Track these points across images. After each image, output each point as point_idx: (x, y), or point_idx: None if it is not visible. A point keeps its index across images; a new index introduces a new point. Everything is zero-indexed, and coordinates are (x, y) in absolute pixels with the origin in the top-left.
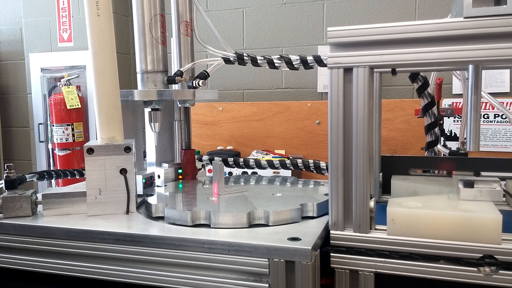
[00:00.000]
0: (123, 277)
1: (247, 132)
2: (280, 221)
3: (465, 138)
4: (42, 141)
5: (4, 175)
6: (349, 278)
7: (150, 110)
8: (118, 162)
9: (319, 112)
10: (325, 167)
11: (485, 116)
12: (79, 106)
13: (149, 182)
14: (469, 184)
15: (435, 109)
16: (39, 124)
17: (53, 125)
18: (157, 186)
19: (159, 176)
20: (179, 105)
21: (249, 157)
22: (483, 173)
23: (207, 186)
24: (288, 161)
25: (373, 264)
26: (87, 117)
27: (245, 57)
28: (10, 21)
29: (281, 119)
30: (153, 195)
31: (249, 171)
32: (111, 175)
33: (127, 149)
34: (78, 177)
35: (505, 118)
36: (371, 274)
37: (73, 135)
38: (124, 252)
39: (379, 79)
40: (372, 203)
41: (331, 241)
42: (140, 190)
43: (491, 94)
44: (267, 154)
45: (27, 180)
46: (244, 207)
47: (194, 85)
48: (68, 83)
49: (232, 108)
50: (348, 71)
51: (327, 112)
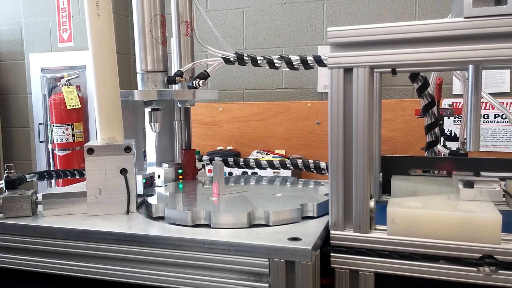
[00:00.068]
0: (123, 277)
1: (247, 132)
2: (280, 221)
3: (465, 138)
4: (42, 141)
5: (4, 175)
6: (349, 278)
7: (150, 110)
8: (118, 162)
9: (319, 112)
10: (325, 167)
11: (485, 116)
12: (79, 106)
13: (149, 182)
14: (469, 184)
15: (435, 109)
16: (39, 124)
17: (53, 125)
18: (157, 186)
19: (159, 176)
20: (179, 105)
21: (249, 157)
22: (483, 173)
23: (207, 186)
24: (288, 161)
25: (373, 264)
26: (87, 117)
27: (245, 57)
28: (10, 21)
29: (281, 119)
30: (153, 195)
31: (249, 171)
32: (111, 175)
33: (127, 149)
34: (78, 177)
35: (505, 118)
36: (371, 274)
37: (73, 135)
38: (124, 252)
39: (379, 79)
40: (372, 203)
41: (331, 241)
42: (140, 190)
43: (491, 94)
44: (267, 154)
45: (27, 180)
46: (244, 207)
47: (194, 85)
48: (68, 83)
49: (232, 108)
50: (348, 71)
51: (327, 112)
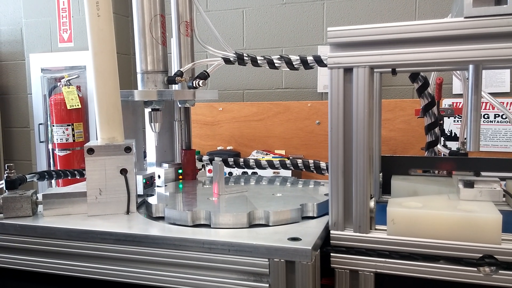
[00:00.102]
0: (123, 277)
1: (247, 132)
2: (280, 221)
3: (465, 138)
4: (42, 141)
5: (5, 175)
6: (349, 278)
7: (150, 110)
8: (119, 162)
9: (319, 112)
10: (325, 167)
11: (485, 116)
12: (79, 106)
13: (149, 182)
14: (469, 184)
15: (435, 109)
16: (40, 124)
17: (53, 125)
18: (157, 186)
19: (159, 176)
20: (179, 105)
21: (249, 157)
22: (483, 173)
23: (207, 186)
24: (288, 161)
25: (373, 264)
26: (87, 117)
27: (245, 57)
28: (11, 21)
29: (281, 119)
30: (153, 195)
31: (249, 171)
32: (112, 175)
33: (128, 149)
34: (78, 177)
35: (505, 118)
36: (371, 274)
37: (73, 135)
38: (124, 252)
39: (379, 79)
40: (372, 203)
41: (331, 241)
42: (140, 190)
43: (491, 94)
44: (267, 154)
45: (27, 180)
46: (244, 207)
47: (194, 85)
48: (68, 83)
49: (232, 108)
50: (348, 71)
51: (327, 112)
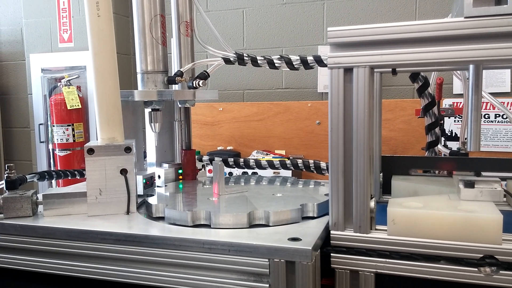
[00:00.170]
0: (123, 277)
1: (247, 132)
2: (280, 221)
3: (465, 138)
4: (42, 142)
5: (5, 175)
6: (349, 278)
7: (150, 110)
8: (119, 162)
9: (320, 112)
10: (325, 167)
11: (485, 116)
12: (80, 107)
13: (149, 183)
14: (469, 184)
15: (435, 109)
16: (40, 124)
17: (53, 126)
18: (158, 186)
19: (159, 177)
20: (179, 106)
21: (249, 157)
22: (483, 173)
23: (207, 186)
24: (288, 161)
25: (373, 265)
26: (88, 117)
27: (245, 57)
28: (11, 21)
29: (282, 119)
30: (153, 195)
31: (249, 171)
32: (112, 175)
33: (128, 149)
34: (78, 178)
35: (506, 118)
36: (372, 274)
37: (73, 135)
38: (124, 252)
39: (379, 79)
40: (372, 203)
41: (331, 241)
42: (140, 191)
43: (491, 94)
44: (267, 154)
45: (27, 181)
46: (244, 207)
47: (194, 85)
48: (69, 83)
49: (232, 108)
50: (348, 71)
51: (328, 112)
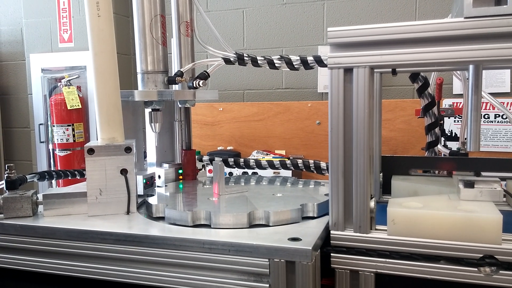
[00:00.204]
0: (123, 277)
1: (248, 132)
2: (280, 221)
3: (465, 138)
4: (42, 142)
5: (5, 175)
6: (349, 278)
7: (150, 110)
8: (119, 162)
9: (320, 112)
10: (325, 167)
11: (485, 116)
12: (80, 107)
13: (149, 183)
14: (469, 184)
15: (435, 109)
16: (40, 124)
17: (53, 126)
18: (158, 186)
19: (159, 177)
20: (180, 106)
21: (249, 157)
22: (483, 173)
23: (207, 186)
24: (288, 162)
25: (373, 264)
26: (88, 117)
27: (245, 58)
28: (11, 21)
29: (282, 119)
30: (153, 195)
31: (250, 171)
32: (112, 175)
33: (128, 149)
34: (78, 178)
35: (506, 118)
36: (372, 274)
37: (73, 135)
38: (124, 252)
39: (379, 79)
40: (372, 203)
41: (331, 241)
42: (140, 191)
43: (491, 94)
44: (267, 154)
45: (27, 181)
46: (244, 207)
47: (194, 85)
48: (69, 83)
49: (232, 108)
50: (348, 71)
51: (328, 112)
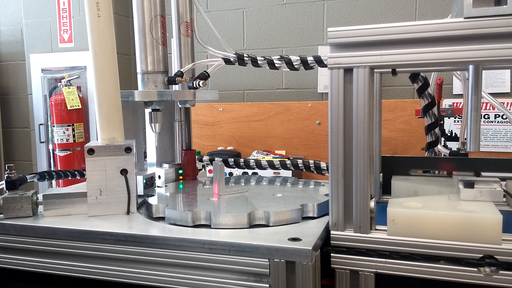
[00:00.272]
0: (123, 277)
1: (248, 132)
2: (280, 222)
3: (465, 139)
4: (42, 142)
5: (5, 175)
6: (349, 278)
7: (150, 110)
8: (119, 162)
9: (320, 113)
10: (325, 168)
11: (485, 117)
12: (80, 107)
13: (149, 183)
14: (469, 185)
15: (435, 109)
16: (40, 124)
17: (53, 126)
18: (158, 186)
19: (159, 177)
20: (180, 106)
21: (249, 157)
22: (483, 174)
23: (207, 186)
24: (288, 162)
25: (373, 265)
26: (88, 117)
27: (245, 58)
28: (11, 22)
29: (282, 119)
30: (153, 195)
31: (250, 171)
32: (112, 175)
33: (128, 149)
34: (78, 178)
35: (506, 118)
36: (372, 274)
37: (73, 135)
38: (124, 252)
39: (379, 80)
40: (372, 204)
41: (331, 242)
42: (140, 191)
43: (491, 94)
44: (267, 154)
45: (27, 181)
46: (244, 207)
47: (194, 85)
48: (69, 83)
49: (232, 108)
50: (348, 71)
51: (328, 113)
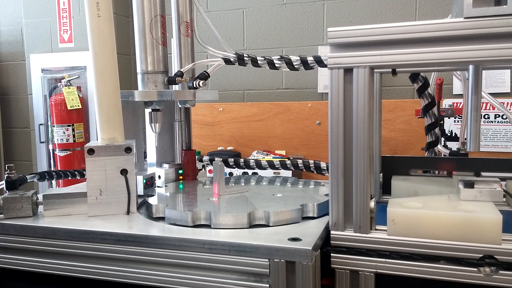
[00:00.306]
0: (123, 277)
1: (248, 132)
2: (280, 222)
3: (465, 139)
4: (42, 142)
5: (5, 175)
6: (349, 278)
7: (150, 110)
8: (119, 162)
9: (320, 113)
10: (325, 168)
11: (485, 117)
12: (80, 107)
13: (149, 183)
14: (469, 185)
15: (435, 109)
16: (40, 124)
17: (53, 126)
18: (158, 186)
19: (159, 177)
20: (180, 106)
21: (249, 157)
22: (483, 174)
23: (207, 186)
24: (288, 162)
25: (373, 265)
26: (88, 117)
27: (245, 58)
28: (11, 22)
29: (282, 119)
30: (153, 195)
31: (250, 171)
32: (112, 175)
33: (128, 149)
34: (78, 178)
35: (506, 118)
36: (372, 274)
37: (73, 135)
38: (124, 252)
39: (379, 80)
40: (372, 204)
41: (331, 242)
42: (140, 191)
43: (491, 94)
44: (267, 154)
45: (27, 181)
46: (244, 207)
47: (194, 85)
48: (69, 83)
49: (232, 108)
50: (348, 71)
51: (328, 113)
